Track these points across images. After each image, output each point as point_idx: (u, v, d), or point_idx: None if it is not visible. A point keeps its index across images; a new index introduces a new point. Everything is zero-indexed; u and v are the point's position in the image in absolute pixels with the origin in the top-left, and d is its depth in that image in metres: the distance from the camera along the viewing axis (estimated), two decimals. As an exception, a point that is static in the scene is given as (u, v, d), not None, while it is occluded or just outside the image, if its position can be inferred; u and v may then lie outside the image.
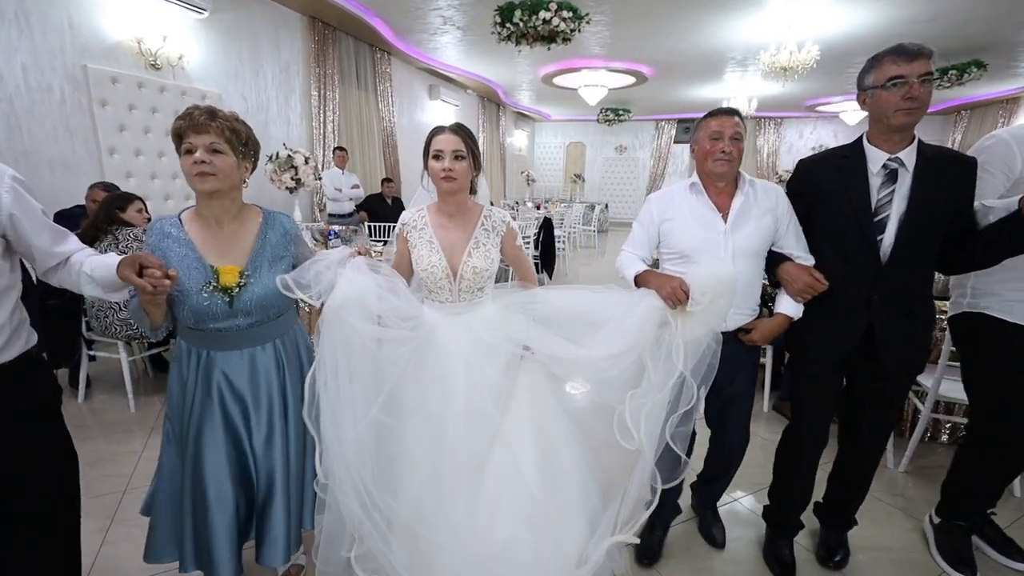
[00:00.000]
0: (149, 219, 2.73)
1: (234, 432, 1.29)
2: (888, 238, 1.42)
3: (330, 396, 1.23)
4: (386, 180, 6.25)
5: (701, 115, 1.57)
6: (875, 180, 1.44)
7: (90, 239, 2.46)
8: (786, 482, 1.78)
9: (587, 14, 4.79)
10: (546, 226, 6.18)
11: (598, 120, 11.32)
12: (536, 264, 6.12)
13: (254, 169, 1.33)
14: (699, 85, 8.78)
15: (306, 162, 3.54)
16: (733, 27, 5.62)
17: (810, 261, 1.54)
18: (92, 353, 2.89)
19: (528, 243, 5.85)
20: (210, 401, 1.27)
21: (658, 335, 1.42)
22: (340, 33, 5.81)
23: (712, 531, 1.91)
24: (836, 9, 5.00)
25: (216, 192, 1.22)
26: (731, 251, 1.52)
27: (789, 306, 1.52)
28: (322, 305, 1.24)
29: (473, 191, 1.57)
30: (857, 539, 1.88)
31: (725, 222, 1.53)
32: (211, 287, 1.21)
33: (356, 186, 5.62)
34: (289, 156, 3.51)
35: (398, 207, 6.26)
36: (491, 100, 10.32)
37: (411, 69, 7.55)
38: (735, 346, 1.57)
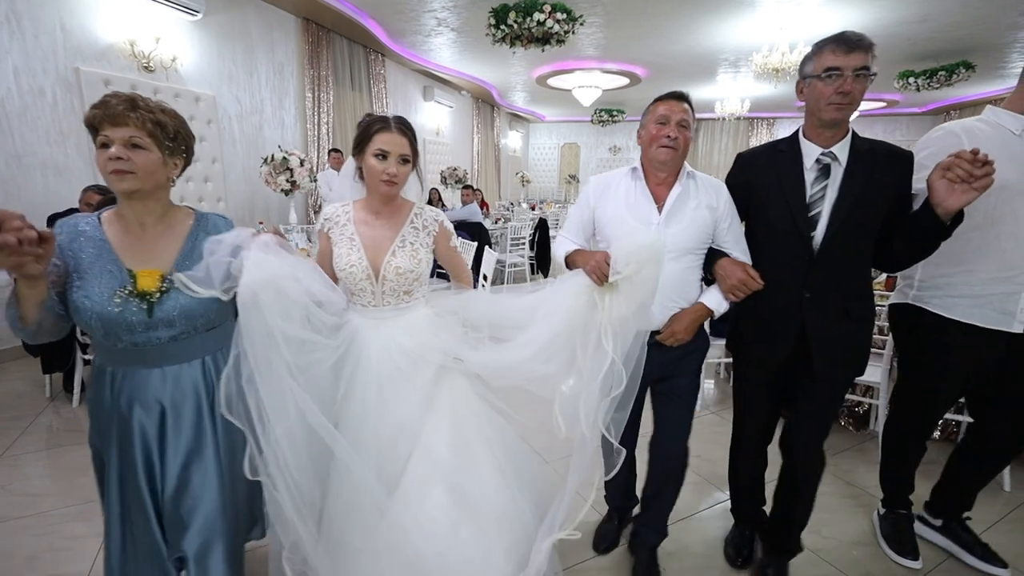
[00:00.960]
0: (144, 222, 2.72)
1: (150, 471, 1.12)
2: (819, 234, 1.38)
3: (256, 389, 1.09)
4: (381, 182, 6.25)
5: (696, 115, 1.51)
6: (809, 175, 1.40)
7: (84, 243, 2.45)
8: (740, 485, 1.81)
9: (581, 16, 4.81)
10: (541, 227, 6.20)
11: (592, 121, 11.37)
12: (532, 265, 6.13)
13: (186, 166, 1.18)
14: (692, 86, 8.82)
15: (301, 164, 3.54)
16: (726, 29, 5.66)
17: (747, 260, 1.47)
18: (87, 357, 2.87)
19: (524, 244, 5.86)
20: (128, 434, 1.10)
21: (587, 318, 1.34)
22: (334, 35, 5.81)
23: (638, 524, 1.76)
24: (827, 11, 5.05)
25: (136, 192, 1.05)
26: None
27: (713, 298, 1.45)
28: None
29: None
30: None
31: (659, 213, 1.44)
32: (126, 292, 1.05)
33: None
34: (284, 158, 3.51)
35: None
36: (485, 101, 10.34)
37: (405, 71, 7.55)
38: (676, 353, 1.48)
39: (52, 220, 3.07)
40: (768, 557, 1.73)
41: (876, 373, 2.35)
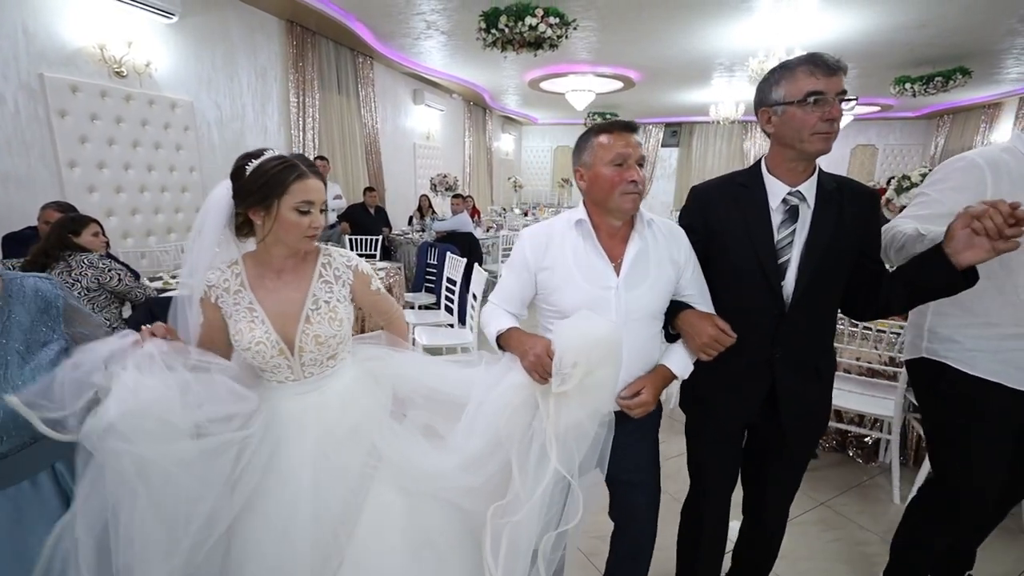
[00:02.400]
0: (107, 243, 2.54)
1: None
2: (789, 285, 1.22)
3: (120, 534, 0.87)
4: (368, 189, 6.07)
5: (689, 119, 1.34)
6: (776, 217, 1.23)
7: (40, 266, 2.27)
8: (689, 566, 1.56)
9: (574, 20, 4.66)
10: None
11: (585, 124, 11.23)
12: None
13: None
14: (687, 90, 8.73)
15: (281, 177, 3.35)
16: (721, 33, 5.55)
17: (711, 311, 1.28)
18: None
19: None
20: None
21: (526, 423, 1.09)
22: (320, 37, 5.62)
23: None
24: (824, 16, 4.94)
25: None
26: (624, 312, 1.20)
27: (678, 361, 1.24)
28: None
29: None
30: None
31: (617, 274, 1.21)
32: None
33: (338, 196, 5.44)
34: (262, 170, 3.32)
35: (381, 217, 6.08)
36: (477, 104, 10.17)
37: (394, 74, 7.37)
38: (630, 426, 1.24)
39: (6, 241, 2.88)
40: None
41: (888, 406, 2.23)
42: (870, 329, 2.34)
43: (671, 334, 1.29)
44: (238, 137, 4.84)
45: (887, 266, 1.31)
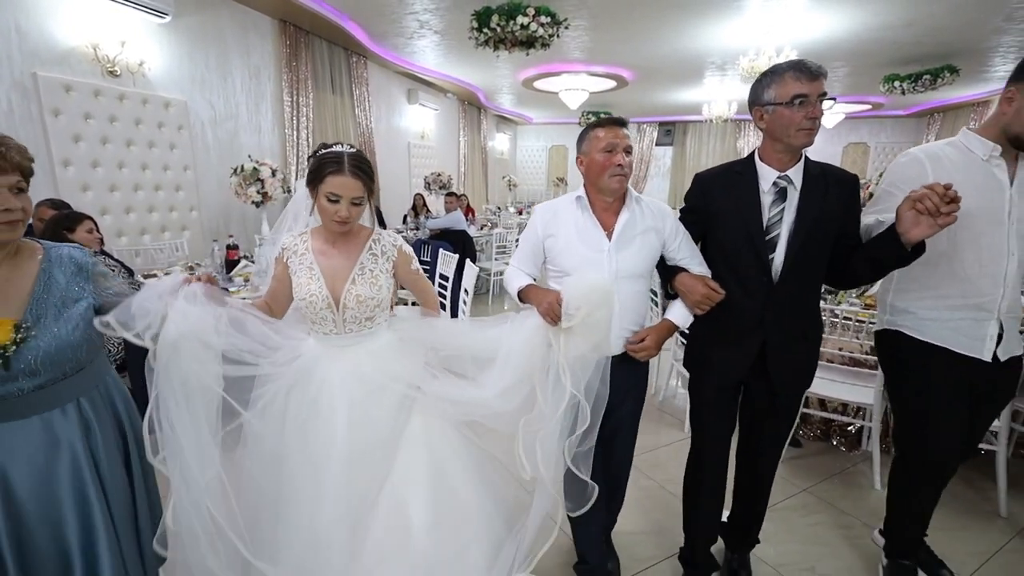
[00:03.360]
0: (101, 239, 2.56)
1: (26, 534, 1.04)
2: (779, 257, 1.42)
3: (175, 438, 1.10)
4: (363, 188, 6.10)
5: (683, 118, 1.51)
6: (766, 198, 1.43)
7: (35, 262, 2.30)
8: (695, 506, 1.74)
9: (565, 19, 4.70)
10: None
11: (580, 123, 11.29)
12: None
13: None
14: (680, 89, 8.79)
15: (273, 175, 3.39)
16: (712, 32, 5.60)
17: (706, 272, 1.51)
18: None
19: (510, 252, 5.75)
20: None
21: (545, 357, 1.36)
22: (313, 37, 5.64)
23: (607, 565, 1.78)
24: (813, 15, 5.00)
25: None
26: (615, 270, 1.47)
27: (678, 314, 1.52)
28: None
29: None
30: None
31: (609, 240, 1.47)
32: None
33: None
34: (255, 168, 3.35)
35: (376, 216, 6.11)
36: (472, 103, 10.21)
37: (388, 73, 7.40)
38: (622, 370, 1.50)
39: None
40: (731, 553, 1.84)
41: (868, 395, 2.28)
42: (850, 319, 2.39)
43: (671, 294, 1.54)
44: (232, 136, 4.87)
45: None
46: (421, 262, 5.19)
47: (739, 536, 1.82)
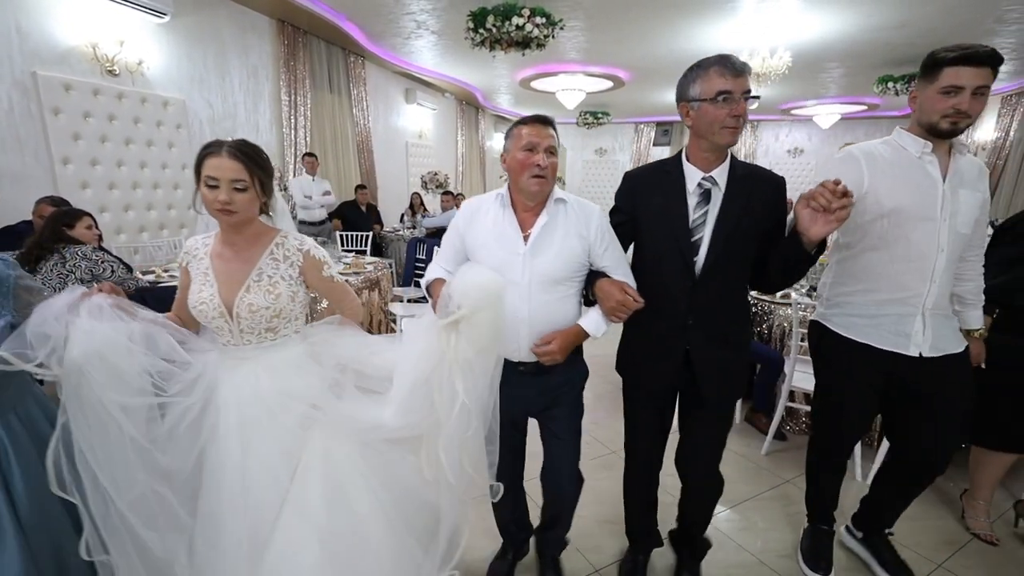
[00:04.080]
0: (100, 236, 2.61)
1: None
2: (701, 260, 1.39)
3: (88, 462, 1.02)
4: (360, 187, 6.15)
5: (680, 118, 1.44)
6: (692, 199, 1.40)
7: (35, 258, 2.34)
8: (632, 504, 1.79)
9: (561, 20, 4.75)
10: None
11: (577, 123, 11.33)
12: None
13: None
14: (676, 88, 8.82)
15: (271, 173, 3.43)
16: (707, 33, 5.64)
17: (629, 281, 1.43)
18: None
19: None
20: None
21: (439, 358, 1.23)
22: (311, 37, 5.68)
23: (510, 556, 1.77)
24: (807, 16, 5.05)
25: None
26: (528, 276, 1.37)
27: (592, 321, 1.41)
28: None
29: (266, 212, 1.35)
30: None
31: (526, 243, 1.38)
32: None
33: (327, 192, 5.51)
34: (253, 167, 3.39)
35: (373, 214, 6.16)
36: (470, 103, 10.24)
37: (386, 73, 7.44)
38: (541, 381, 1.45)
39: (3, 233, 2.95)
40: (681, 562, 1.84)
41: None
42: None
43: (590, 300, 1.45)
44: (230, 135, 4.87)
45: None
46: (417, 260, 5.23)
47: (687, 545, 1.82)
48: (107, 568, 1.09)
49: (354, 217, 5.85)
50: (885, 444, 2.24)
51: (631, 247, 1.56)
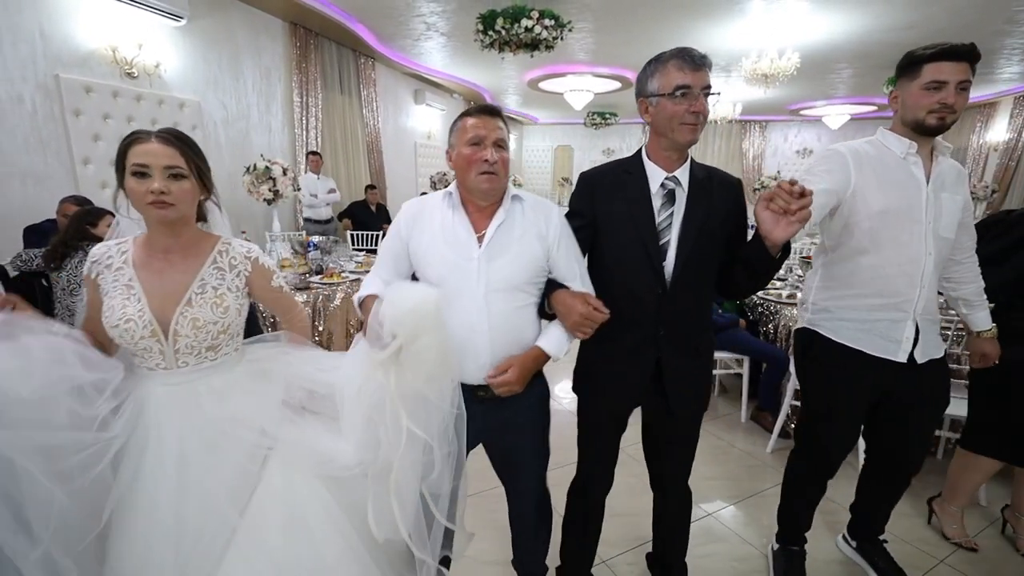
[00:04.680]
0: (121, 234, 2.68)
1: None
2: (669, 265, 1.29)
3: None
4: (370, 187, 6.22)
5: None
6: (656, 200, 1.31)
7: (60, 255, 2.42)
8: (577, 545, 1.63)
9: (569, 22, 4.79)
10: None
11: (585, 124, 11.37)
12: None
13: None
14: (684, 90, 8.82)
15: (284, 173, 3.51)
16: (716, 34, 5.67)
17: (589, 290, 1.30)
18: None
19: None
20: None
21: (379, 391, 1.07)
22: (323, 39, 5.77)
23: None
24: (815, 18, 5.06)
25: None
26: (484, 283, 1.22)
27: (552, 340, 1.26)
28: None
29: (202, 219, 1.21)
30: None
31: (480, 245, 1.23)
32: None
33: (332, 190, 5.59)
34: (267, 167, 3.48)
35: (382, 214, 6.23)
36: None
37: (396, 74, 7.52)
38: (507, 406, 1.28)
39: (27, 232, 3.04)
40: None
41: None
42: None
43: (548, 314, 1.30)
44: (243, 136, 5.00)
45: None
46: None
47: (666, 571, 1.71)
48: None
49: (364, 217, 5.92)
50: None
51: (585, 255, 1.43)
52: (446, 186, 6.17)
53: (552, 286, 1.30)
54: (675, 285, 1.30)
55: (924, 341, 1.48)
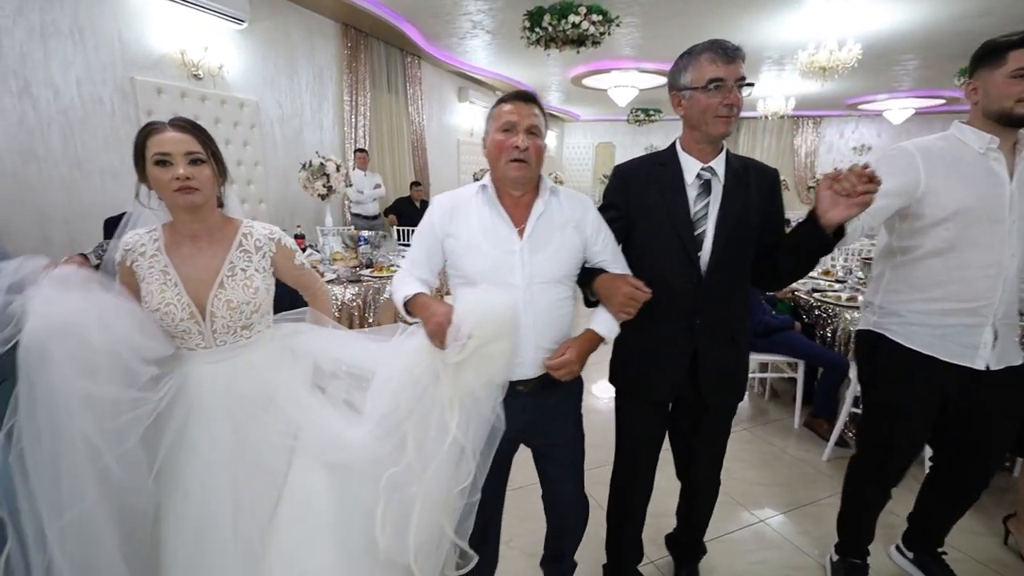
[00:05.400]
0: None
1: None
2: (705, 255, 1.30)
3: (28, 472, 0.88)
4: (415, 184, 6.34)
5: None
6: (691, 191, 1.32)
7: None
8: (618, 523, 1.64)
9: (617, 17, 4.73)
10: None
11: (628, 120, 11.19)
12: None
13: None
14: (733, 84, 8.55)
15: (337, 170, 3.63)
16: (770, 26, 5.46)
17: (630, 273, 1.30)
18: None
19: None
20: None
21: (424, 391, 1.08)
22: (372, 39, 5.92)
23: None
24: (879, 6, 4.80)
25: None
26: (528, 276, 1.20)
27: (603, 323, 1.26)
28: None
29: (220, 205, 1.24)
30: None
31: (521, 238, 1.21)
32: None
33: (378, 186, 5.72)
34: (321, 164, 3.60)
35: (426, 210, 6.34)
36: (520, 101, 10.31)
37: (440, 72, 7.62)
38: (547, 396, 1.28)
39: (107, 224, 3.27)
40: (679, 569, 1.78)
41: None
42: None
43: (591, 300, 1.31)
44: (297, 134, 5.20)
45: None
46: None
47: (686, 551, 1.77)
48: None
49: (409, 213, 6.05)
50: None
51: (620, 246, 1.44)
52: (489, 182, 6.10)
53: (591, 274, 1.29)
54: (711, 274, 1.31)
55: (1002, 347, 1.40)
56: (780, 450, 2.68)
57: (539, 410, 1.28)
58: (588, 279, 1.29)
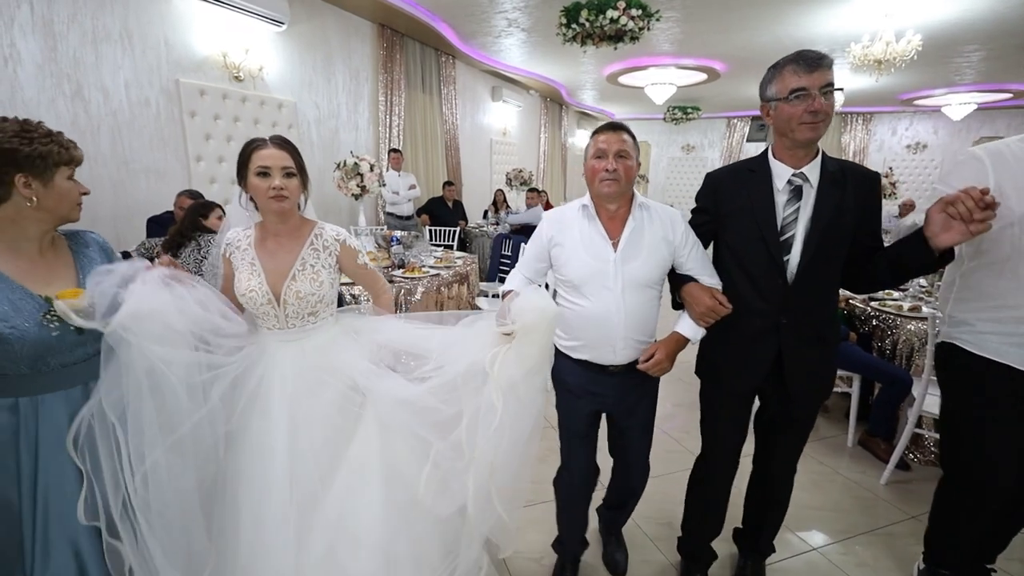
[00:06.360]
0: (227, 226, 2.88)
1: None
2: (794, 258, 1.36)
3: (119, 426, 1.07)
4: (448, 184, 6.33)
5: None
6: (780, 197, 1.38)
7: (176, 245, 2.63)
8: (698, 512, 1.74)
9: (657, 11, 4.58)
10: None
11: (664, 119, 10.91)
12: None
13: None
14: (777, 80, 8.20)
15: (371, 169, 3.63)
16: (820, 18, 5.18)
17: (717, 284, 1.46)
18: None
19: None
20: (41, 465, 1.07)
21: (481, 370, 1.25)
22: (407, 39, 5.93)
23: (615, 557, 1.86)
24: (943, -6, 4.48)
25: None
26: (621, 282, 1.41)
27: (687, 326, 1.45)
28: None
29: (300, 208, 1.43)
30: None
31: (615, 250, 1.42)
32: (53, 316, 1.07)
33: (413, 186, 5.73)
34: (356, 164, 3.61)
35: (459, 210, 6.32)
36: (554, 100, 10.21)
37: (474, 72, 7.60)
38: (630, 378, 1.49)
39: (151, 223, 3.35)
40: (745, 558, 1.81)
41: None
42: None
43: (678, 303, 1.50)
44: (333, 134, 5.25)
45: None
46: (502, 256, 5.30)
47: (753, 545, 1.79)
48: (116, 555, 1.10)
49: (441, 213, 6.04)
50: None
51: (711, 246, 1.57)
52: (522, 183, 6.13)
53: (678, 278, 1.47)
54: (799, 278, 1.36)
55: None
56: (832, 470, 2.50)
57: (624, 387, 1.51)
58: (677, 284, 1.47)
